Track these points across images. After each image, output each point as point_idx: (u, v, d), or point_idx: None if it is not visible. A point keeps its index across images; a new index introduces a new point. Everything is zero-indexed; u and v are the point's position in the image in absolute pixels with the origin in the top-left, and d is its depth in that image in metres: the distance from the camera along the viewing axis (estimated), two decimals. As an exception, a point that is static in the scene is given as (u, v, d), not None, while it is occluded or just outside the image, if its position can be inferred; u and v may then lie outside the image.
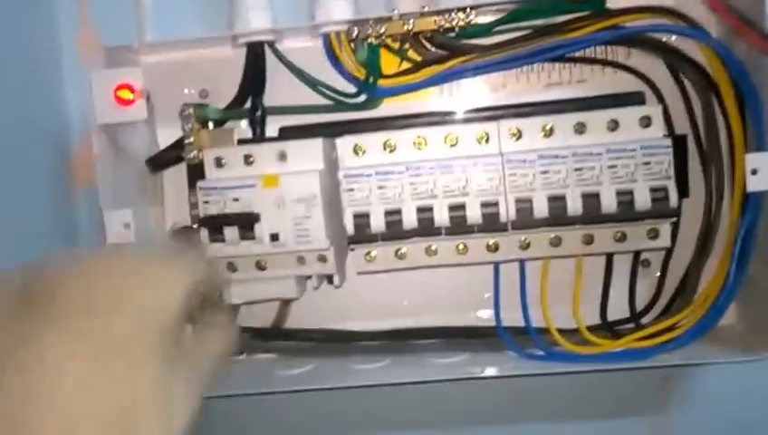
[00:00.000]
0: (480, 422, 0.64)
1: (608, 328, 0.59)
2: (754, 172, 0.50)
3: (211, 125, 0.59)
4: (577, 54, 0.58)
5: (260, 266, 0.56)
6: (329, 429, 0.65)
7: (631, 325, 0.59)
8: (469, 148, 0.54)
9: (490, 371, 0.57)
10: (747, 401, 0.61)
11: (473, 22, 0.55)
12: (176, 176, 0.62)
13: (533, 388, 0.62)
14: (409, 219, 0.53)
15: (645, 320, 0.60)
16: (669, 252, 0.59)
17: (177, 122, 0.58)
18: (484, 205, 0.53)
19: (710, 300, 0.55)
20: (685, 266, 0.59)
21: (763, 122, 0.51)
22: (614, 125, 0.53)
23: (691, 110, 0.57)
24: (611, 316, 0.60)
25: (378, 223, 0.54)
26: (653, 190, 0.51)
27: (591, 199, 0.52)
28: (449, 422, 0.64)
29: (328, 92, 0.59)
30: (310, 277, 0.58)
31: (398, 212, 0.53)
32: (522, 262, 0.57)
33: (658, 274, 0.59)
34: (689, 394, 0.62)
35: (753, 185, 0.51)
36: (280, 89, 0.60)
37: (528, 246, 0.55)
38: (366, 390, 0.60)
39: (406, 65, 0.59)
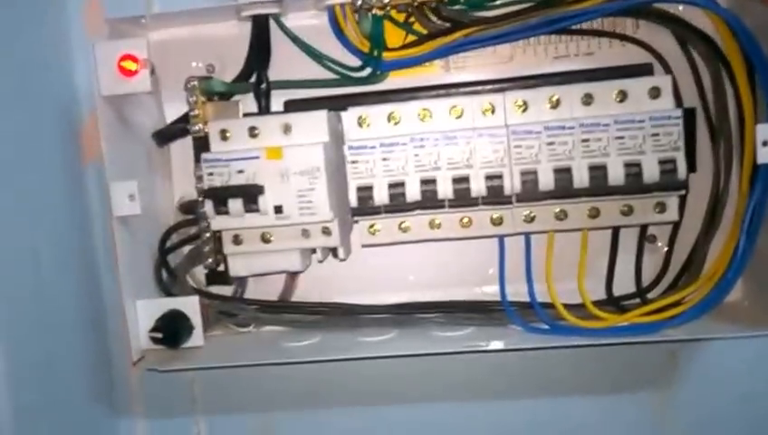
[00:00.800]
0: (482, 397, 0.63)
1: (613, 303, 0.59)
2: (765, 144, 0.49)
3: (216, 99, 0.58)
4: (584, 26, 0.57)
5: (265, 239, 0.56)
6: (333, 401, 0.65)
7: (637, 300, 0.58)
8: (474, 120, 0.53)
9: (495, 344, 0.56)
10: (753, 375, 0.60)
11: (479, -8, 0.54)
12: (183, 149, 0.62)
13: (537, 363, 0.62)
14: (413, 192, 0.53)
15: (651, 295, 0.59)
16: (676, 226, 0.57)
17: (182, 97, 0.58)
18: (488, 177, 0.52)
19: (717, 275, 0.54)
20: (692, 241, 0.58)
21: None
22: (622, 96, 0.52)
23: (700, 82, 0.56)
24: (617, 291, 0.59)
25: (381, 195, 0.53)
26: (661, 162, 0.50)
27: (598, 171, 0.51)
28: (453, 397, 0.64)
29: (332, 66, 0.59)
30: (314, 250, 0.58)
31: (402, 184, 0.53)
32: (527, 236, 0.56)
33: (665, 248, 0.58)
34: (695, 369, 0.61)
35: (765, 156, 0.49)
36: (284, 63, 0.60)
37: (533, 219, 0.54)
38: (371, 363, 0.60)
39: (410, 39, 0.58)
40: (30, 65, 0.57)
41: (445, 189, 0.52)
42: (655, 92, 0.52)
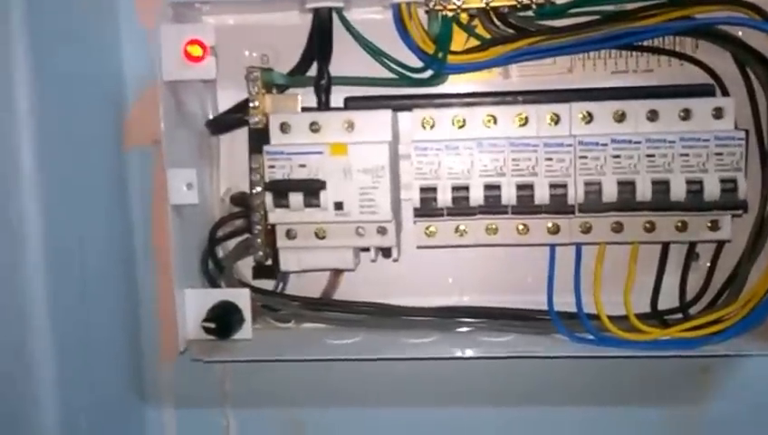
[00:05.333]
0: (518, 404, 0.63)
1: (657, 317, 0.58)
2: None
3: (274, 91, 0.57)
4: (645, 43, 0.56)
5: (319, 235, 0.54)
6: (366, 400, 0.63)
7: (679, 316, 0.58)
8: (538, 128, 0.52)
9: (540, 350, 0.55)
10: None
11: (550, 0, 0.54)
12: (232, 141, 0.60)
13: (575, 373, 0.61)
14: (476, 196, 0.52)
15: (692, 311, 0.58)
16: (720, 245, 0.57)
17: (235, 85, 0.57)
18: (552, 186, 0.51)
19: (758, 297, 0.54)
20: (734, 261, 0.57)
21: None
22: (686, 114, 0.51)
23: (755, 104, 0.55)
24: (659, 305, 0.59)
25: (445, 197, 0.52)
26: (723, 181, 0.50)
27: (661, 186, 0.50)
28: (490, 402, 0.63)
29: (392, 65, 0.57)
30: (367, 249, 0.56)
31: (466, 188, 0.52)
32: (578, 247, 0.56)
33: (708, 266, 0.58)
34: (728, 386, 0.61)
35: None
36: (342, 60, 0.58)
37: (589, 230, 0.54)
38: (408, 364, 0.59)
39: (471, 43, 0.57)
40: (77, 48, 0.55)
41: (509, 195, 0.51)
42: (718, 113, 0.51)
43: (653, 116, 0.52)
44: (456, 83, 0.58)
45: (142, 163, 0.60)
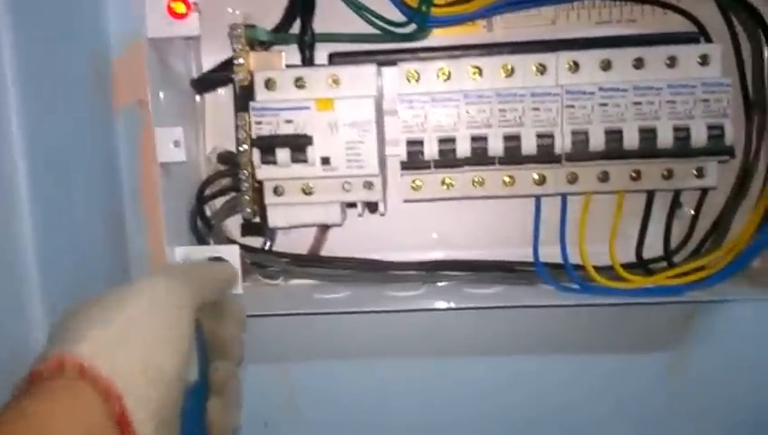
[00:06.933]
0: (507, 353, 0.63)
1: (641, 266, 0.58)
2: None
3: (258, 48, 0.55)
4: (629, -8, 0.55)
5: (306, 191, 0.53)
6: (355, 354, 0.63)
7: (663, 264, 0.58)
8: (525, 79, 0.51)
9: (526, 300, 0.55)
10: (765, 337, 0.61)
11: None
12: (216, 100, 0.59)
13: (562, 322, 0.61)
14: (463, 148, 0.51)
15: (676, 259, 0.58)
16: (705, 193, 0.57)
17: (219, 44, 0.55)
18: (539, 136, 0.50)
19: (742, 244, 0.54)
20: (718, 209, 0.57)
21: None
22: (672, 62, 0.51)
23: (739, 53, 0.55)
24: (646, 255, 0.58)
25: (431, 150, 0.51)
26: (710, 128, 0.49)
27: (648, 134, 0.50)
28: (476, 352, 0.63)
29: (376, 20, 0.56)
30: (354, 204, 0.55)
31: (452, 140, 0.51)
32: (564, 198, 0.55)
33: (692, 214, 0.58)
34: (711, 332, 0.61)
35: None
36: (325, 16, 0.56)
37: (575, 180, 0.53)
38: (399, 317, 0.59)
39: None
40: (60, 4, 0.53)
41: (496, 147, 0.51)
42: (704, 60, 0.51)
43: (639, 64, 0.51)
44: (439, 37, 0.57)
45: (129, 122, 0.59)
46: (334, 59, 0.56)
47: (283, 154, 0.51)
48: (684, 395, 0.62)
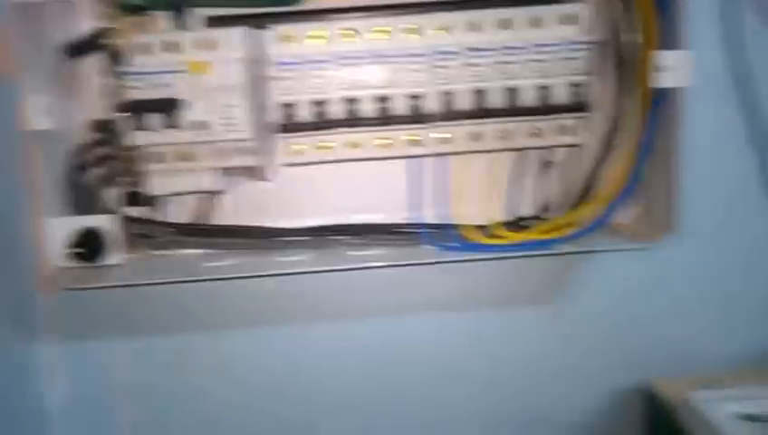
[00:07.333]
0: (395, 313, 0.64)
1: (517, 224, 0.60)
2: (663, 70, 0.51)
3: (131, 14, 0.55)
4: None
5: (186, 158, 0.53)
6: (251, 322, 0.64)
7: (538, 221, 0.60)
8: (397, 41, 0.52)
9: (409, 259, 0.56)
10: (636, 288, 0.64)
11: None
12: (92, 65, 0.57)
13: (446, 282, 0.63)
14: (336, 110, 0.51)
15: (554, 215, 0.60)
16: (575, 151, 0.59)
17: (92, 10, 0.54)
18: (409, 97, 0.51)
19: (610, 197, 0.56)
20: (589, 165, 0.59)
21: (675, 22, 0.51)
22: (537, 22, 0.52)
23: (611, 11, 0.56)
24: (521, 213, 0.61)
25: (305, 113, 0.51)
26: (570, 85, 0.51)
27: (512, 93, 0.51)
28: (367, 313, 0.64)
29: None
30: (236, 170, 0.55)
31: (325, 102, 0.51)
32: (440, 159, 0.57)
33: (565, 172, 0.60)
34: (587, 283, 0.64)
35: (656, 81, 0.51)
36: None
37: (449, 140, 0.54)
38: (290, 281, 0.59)
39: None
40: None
41: (367, 108, 0.51)
42: (568, 20, 0.52)
43: (505, 24, 0.52)
44: (316, 1, 0.57)
45: (4, 90, 0.58)
46: (210, 24, 0.55)
47: (156, 118, 0.51)
48: (564, 343, 0.65)
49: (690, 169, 0.52)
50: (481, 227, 0.58)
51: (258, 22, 0.54)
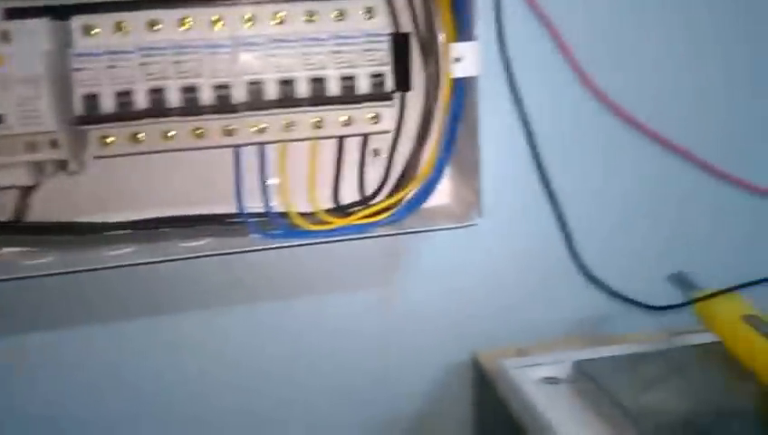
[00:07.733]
0: (231, 302, 0.65)
1: (342, 210, 0.62)
2: (458, 60, 0.54)
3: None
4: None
5: (-14, 153, 0.52)
6: (90, 317, 0.63)
7: (362, 207, 0.62)
8: (202, 32, 0.53)
9: (234, 247, 0.57)
10: (460, 265, 0.68)
11: None
12: None
13: (276, 270, 0.64)
14: (141, 100, 0.51)
15: (378, 200, 0.63)
16: (396, 139, 0.62)
17: None
18: (216, 87, 0.52)
19: (424, 178, 0.59)
20: (409, 150, 0.62)
21: (466, 16, 0.55)
22: (341, 15, 0.54)
23: (412, 6, 0.59)
24: (347, 200, 0.63)
25: (108, 104, 0.51)
26: (372, 76, 0.53)
27: (318, 83, 0.53)
28: (200, 305, 0.64)
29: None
30: (44, 164, 0.54)
31: (130, 93, 0.51)
32: (260, 148, 0.57)
33: (386, 158, 0.62)
34: (411, 265, 0.68)
35: (458, 72, 0.54)
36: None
37: (264, 130, 0.55)
38: (114, 276, 0.59)
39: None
40: None
41: (173, 98, 0.51)
42: (369, 13, 0.54)
43: (311, 17, 0.54)
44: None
45: None
46: (11, 15, 0.53)
47: (-52, 113, 0.49)
48: (402, 322, 0.68)
49: (485, 151, 0.56)
50: (308, 215, 0.60)
51: (60, 12, 0.53)
